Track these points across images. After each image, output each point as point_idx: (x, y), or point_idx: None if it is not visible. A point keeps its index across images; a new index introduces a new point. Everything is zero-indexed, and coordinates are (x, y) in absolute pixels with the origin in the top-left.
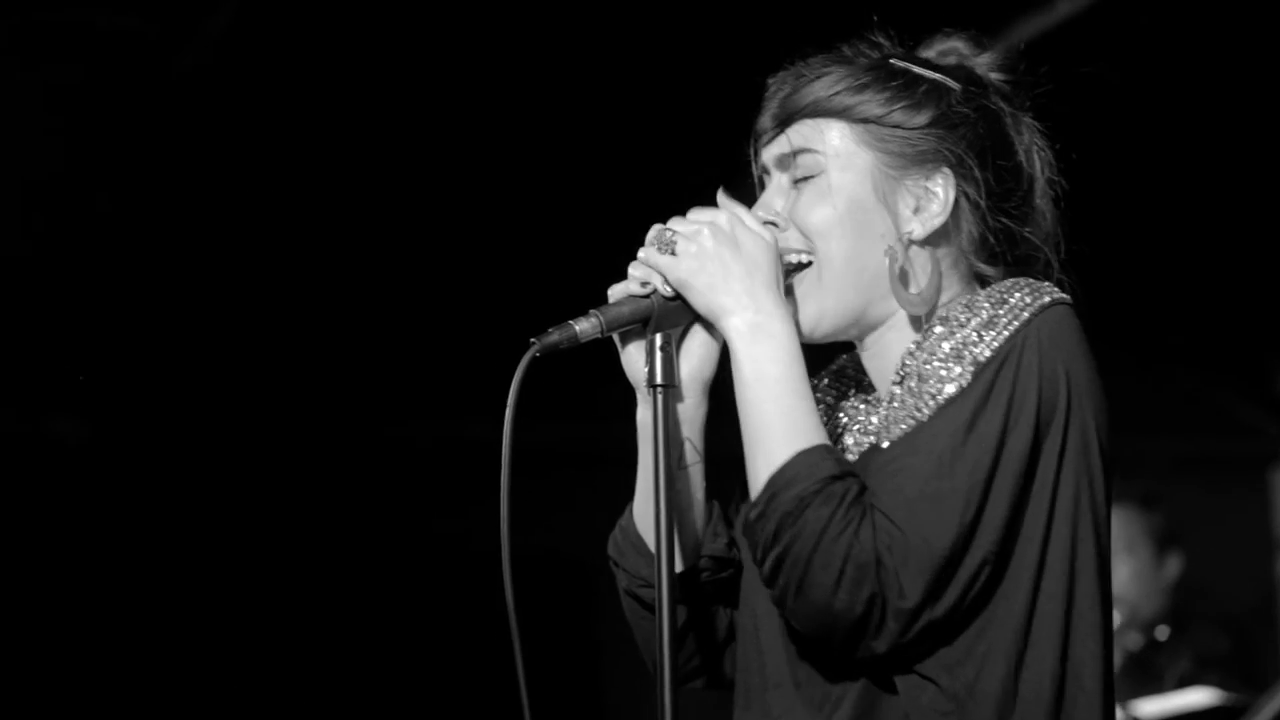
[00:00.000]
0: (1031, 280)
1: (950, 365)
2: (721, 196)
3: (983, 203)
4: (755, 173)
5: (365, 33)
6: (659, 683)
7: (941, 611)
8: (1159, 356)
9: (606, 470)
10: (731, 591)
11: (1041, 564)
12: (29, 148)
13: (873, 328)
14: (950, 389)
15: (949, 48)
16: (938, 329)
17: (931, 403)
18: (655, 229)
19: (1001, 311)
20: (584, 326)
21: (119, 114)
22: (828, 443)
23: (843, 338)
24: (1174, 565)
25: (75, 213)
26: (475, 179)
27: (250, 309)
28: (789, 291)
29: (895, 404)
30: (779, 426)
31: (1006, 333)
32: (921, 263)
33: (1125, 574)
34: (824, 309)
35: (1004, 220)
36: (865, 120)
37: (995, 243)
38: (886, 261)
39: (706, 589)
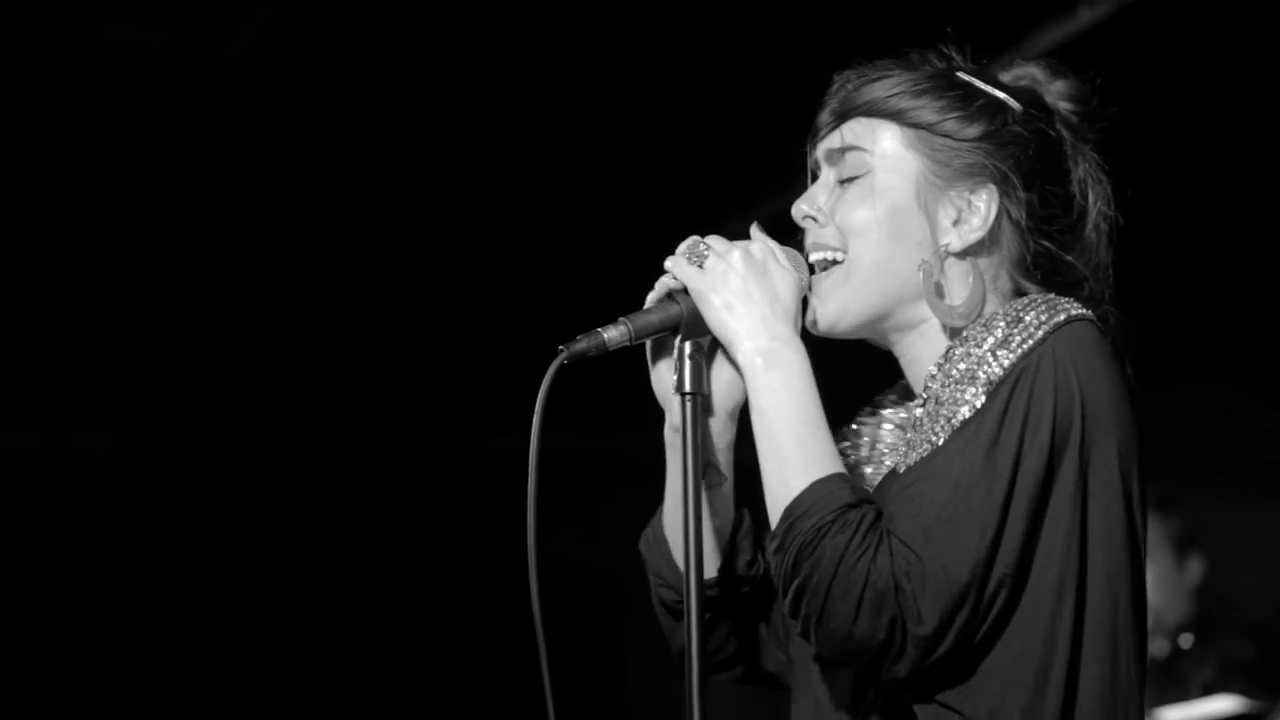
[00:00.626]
0: (1051, 296)
1: (965, 387)
2: (755, 229)
3: (1024, 223)
4: (809, 166)
5: (391, 47)
6: (687, 688)
7: (961, 637)
8: (1182, 364)
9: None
10: (758, 598)
11: (1061, 586)
12: (52, 161)
13: (900, 332)
14: (965, 411)
15: (1024, 72)
16: (957, 350)
17: (947, 426)
18: (690, 240)
19: (1016, 330)
20: (612, 334)
21: (143, 128)
22: (843, 470)
23: (863, 336)
24: (1195, 568)
25: (100, 226)
26: (503, 190)
27: (278, 321)
28: (813, 286)
29: (916, 428)
30: (794, 456)
31: (1020, 351)
32: (960, 274)
33: (1148, 581)
34: (845, 307)
35: (1046, 244)
36: (917, 126)
37: (1035, 265)
38: (920, 275)
39: (729, 599)
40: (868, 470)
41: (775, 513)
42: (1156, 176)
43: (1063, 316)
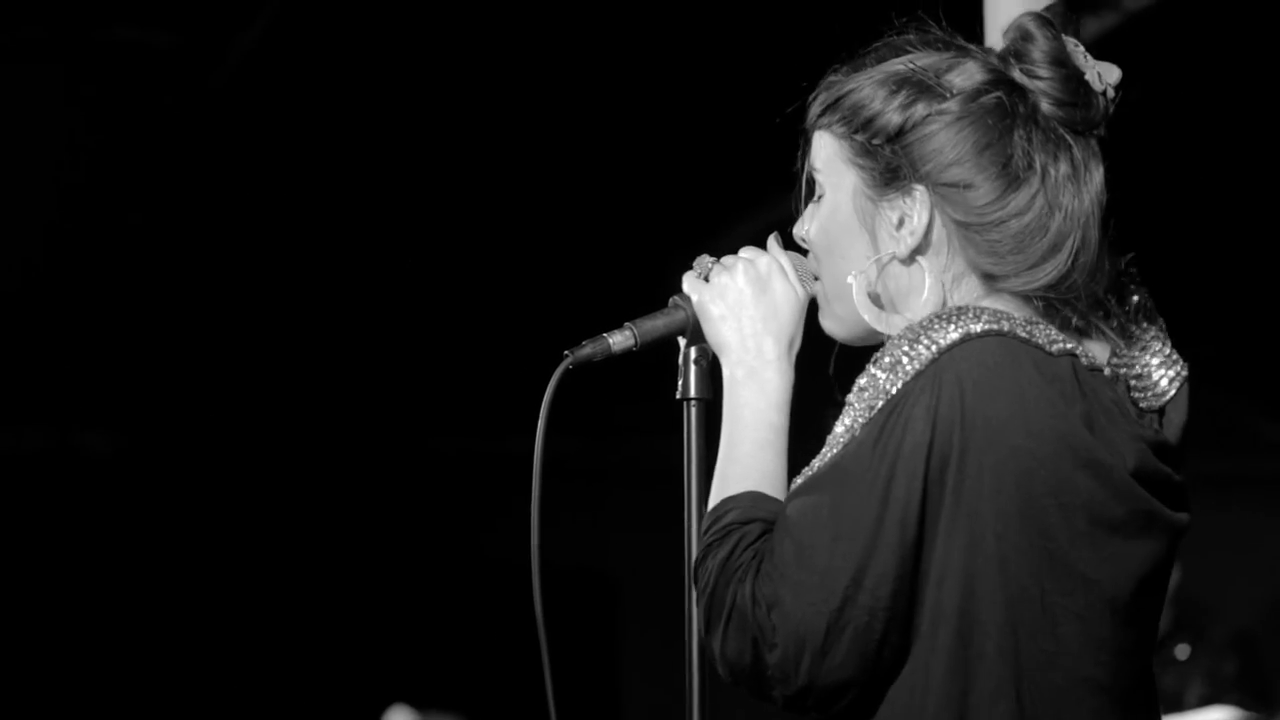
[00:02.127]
0: (957, 312)
1: (850, 409)
2: (772, 240)
3: (968, 217)
4: (803, 175)
5: (397, 49)
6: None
7: (836, 673)
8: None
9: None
10: None
11: (934, 621)
12: (60, 162)
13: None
14: (841, 434)
15: (1015, 25)
16: (870, 365)
17: (827, 452)
18: (703, 258)
19: (907, 352)
20: (617, 339)
21: (150, 129)
22: (768, 491)
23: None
24: (1173, 576)
25: (106, 226)
26: (510, 192)
27: (282, 322)
28: (813, 302)
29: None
30: (732, 469)
31: (905, 378)
32: (916, 280)
33: None
34: (833, 329)
35: (991, 230)
36: (850, 137)
37: (997, 251)
38: (871, 282)
39: None
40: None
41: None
42: (1163, 182)
43: (958, 334)
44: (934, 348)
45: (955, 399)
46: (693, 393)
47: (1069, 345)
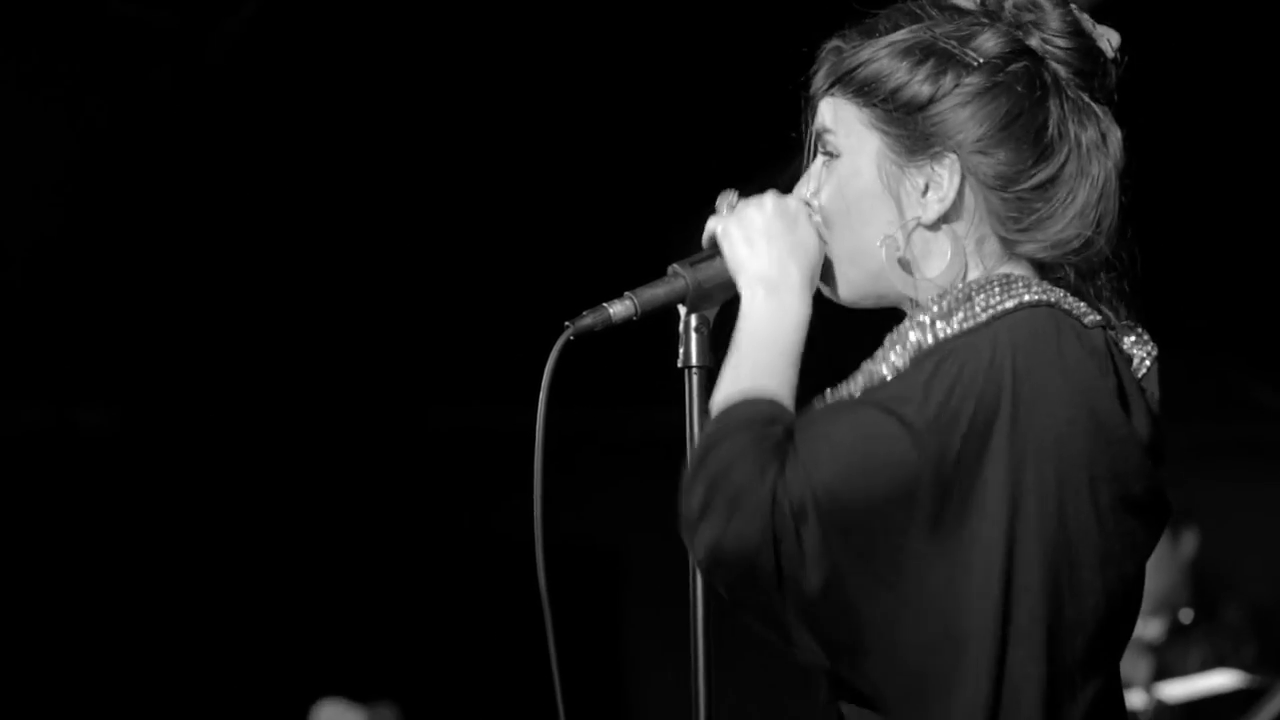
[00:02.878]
0: (1009, 277)
1: (891, 349)
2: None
3: (994, 183)
4: (807, 140)
5: (394, 20)
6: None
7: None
8: (1181, 342)
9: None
10: None
11: (1003, 574)
12: (54, 139)
13: (901, 304)
14: (884, 370)
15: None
16: (905, 321)
17: (866, 383)
18: (729, 193)
19: (961, 309)
20: (617, 309)
21: (145, 104)
22: (788, 400)
23: (879, 306)
24: (1190, 542)
25: (102, 203)
26: (515, 162)
27: (281, 296)
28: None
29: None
30: (747, 370)
31: (958, 329)
32: (938, 246)
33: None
34: (839, 294)
35: (1023, 201)
36: (872, 102)
37: (1019, 220)
38: (895, 246)
39: None
40: None
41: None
42: (1155, 150)
43: (1012, 303)
44: (989, 312)
45: (1007, 361)
46: (694, 360)
47: (1098, 317)
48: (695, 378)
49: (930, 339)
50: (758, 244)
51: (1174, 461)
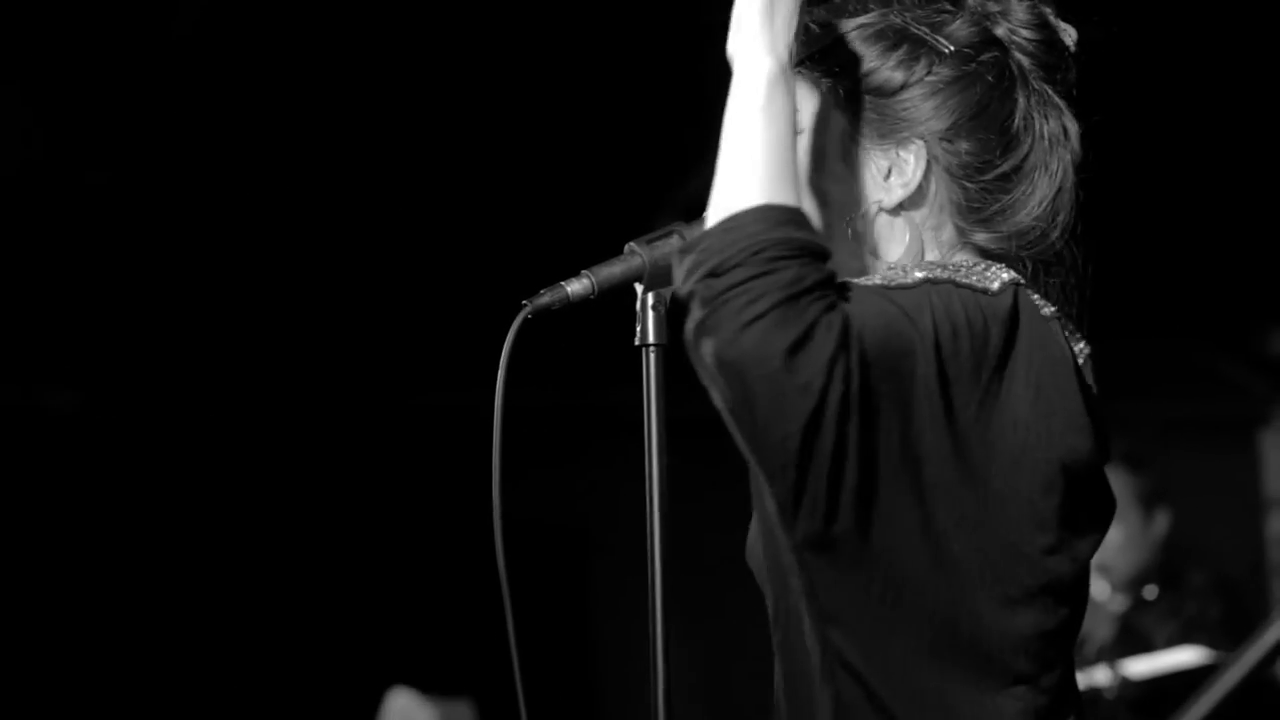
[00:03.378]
0: (983, 262)
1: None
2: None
3: (958, 171)
4: None
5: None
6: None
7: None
8: (1145, 319)
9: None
10: None
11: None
12: (18, 117)
13: None
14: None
15: None
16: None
17: None
18: None
19: (940, 270)
20: (575, 287)
21: (110, 81)
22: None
23: None
24: (1163, 521)
25: (67, 183)
26: (485, 144)
27: (247, 276)
28: None
29: None
30: (764, 168)
31: (936, 275)
32: (898, 230)
33: (1117, 539)
34: None
35: (985, 190)
36: (841, 82)
37: (979, 210)
38: (859, 229)
39: None
40: None
41: (729, 209)
42: (1117, 131)
43: (995, 285)
44: (972, 276)
45: (1002, 308)
46: (651, 338)
47: (1054, 309)
48: (653, 355)
49: (916, 275)
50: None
51: (1143, 440)
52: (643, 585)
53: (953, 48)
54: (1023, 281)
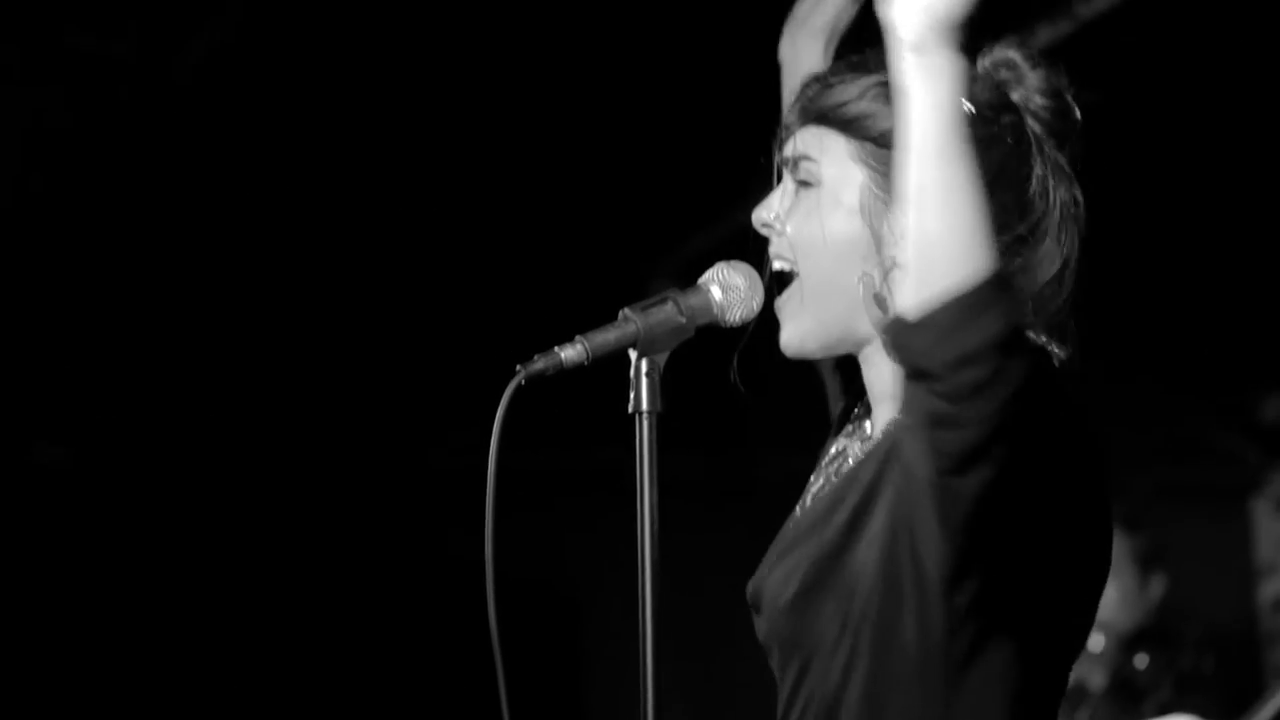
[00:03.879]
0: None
1: None
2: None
3: None
4: (775, 166)
5: (356, 51)
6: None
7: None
8: (1139, 385)
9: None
10: None
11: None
12: (9, 171)
13: (860, 348)
14: None
15: (1003, 58)
16: None
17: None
18: None
19: None
20: (568, 353)
21: (101, 138)
22: None
23: (835, 354)
24: (1158, 585)
25: (60, 238)
26: (475, 196)
27: (237, 332)
28: (778, 308)
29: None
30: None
31: None
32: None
33: (1112, 597)
34: (805, 331)
35: (1006, 253)
36: (865, 138)
37: None
38: (871, 285)
39: None
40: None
41: (948, 268)
42: (1116, 195)
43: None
44: None
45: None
46: (644, 406)
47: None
48: (646, 423)
49: None
50: None
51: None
52: (633, 648)
53: (973, 109)
54: (1044, 347)
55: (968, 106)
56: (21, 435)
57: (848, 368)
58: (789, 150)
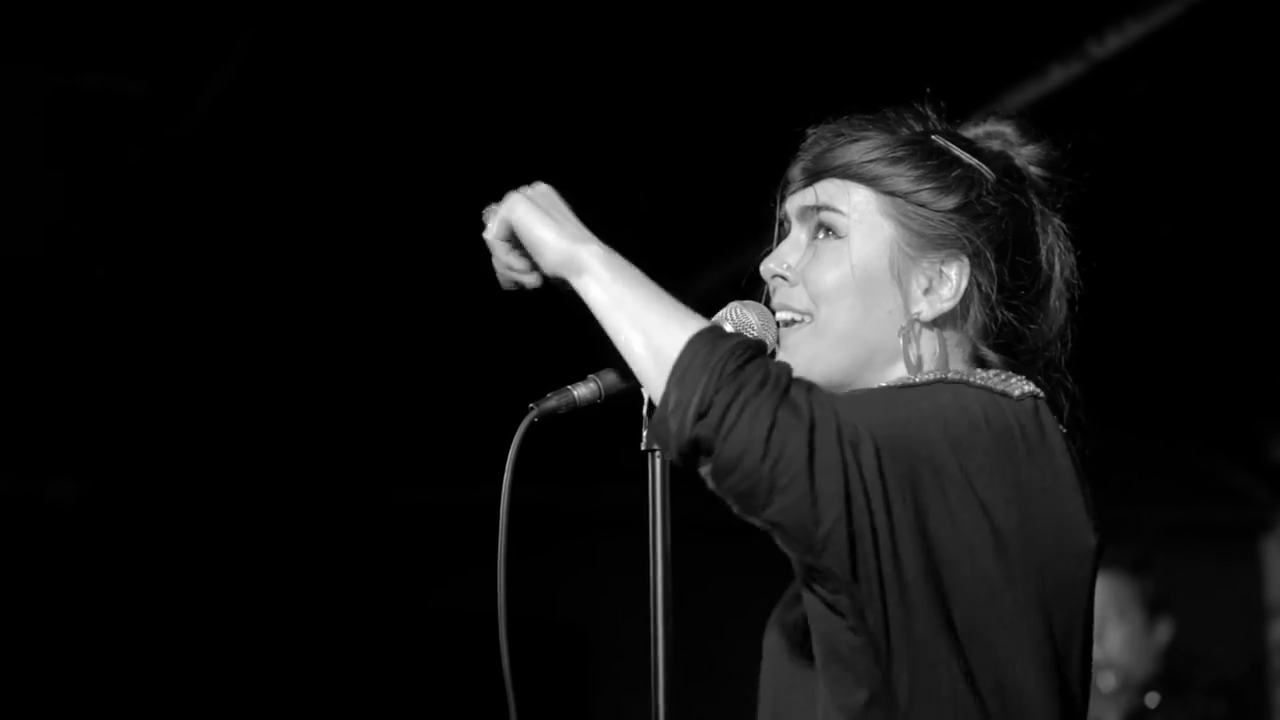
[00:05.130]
0: (1007, 374)
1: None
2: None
3: (993, 296)
4: (777, 217)
5: (365, 98)
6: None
7: (832, 486)
8: (1149, 425)
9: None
10: None
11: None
12: (25, 210)
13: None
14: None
15: (996, 131)
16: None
17: None
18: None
19: (971, 377)
20: (581, 392)
21: (116, 178)
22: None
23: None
24: (1165, 631)
25: (72, 273)
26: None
27: (248, 372)
28: (781, 337)
29: None
30: (657, 316)
31: (949, 377)
32: (928, 342)
33: (1118, 640)
34: (813, 365)
35: (1011, 315)
36: (893, 193)
37: (999, 334)
38: (900, 341)
39: None
40: None
41: (660, 369)
42: (1126, 238)
43: (1016, 393)
44: (992, 384)
45: (1022, 416)
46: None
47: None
48: (658, 460)
49: (930, 378)
50: (555, 220)
51: (1145, 545)
52: (645, 684)
53: (994, 176)
54: (1041, 395)
55: (990, 174)
56: (32, 471)
57: None
58: (807, 200)
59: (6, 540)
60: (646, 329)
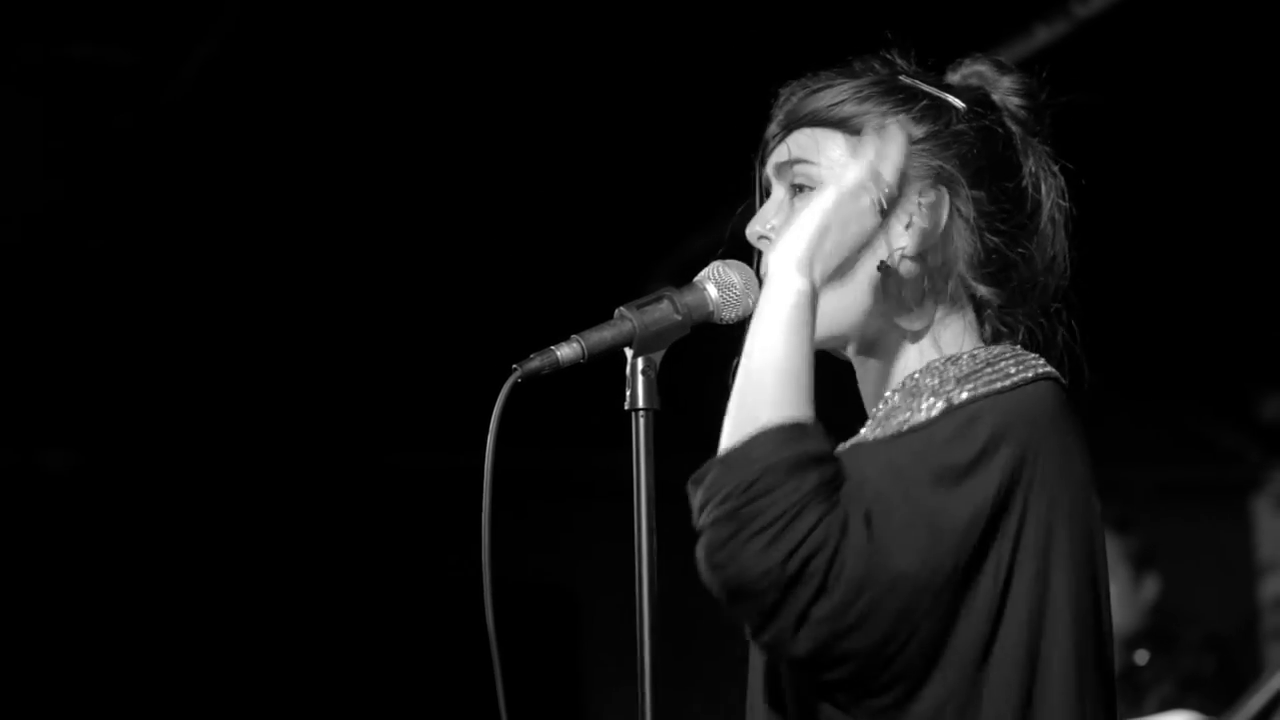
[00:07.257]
0: (1020, 352)
1: (921, 400)
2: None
3: (975, 221)
4: (759, 183)
5: (355, 62)
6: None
7: (874, 635)
8: (1140, 384)
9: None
10: None
11: (992, 639)
12: (16, 181)
13: (865, 346)
14: (918, 418)
15: (971, 70)
16: (921, 378)
17: (895, 430)
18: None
19: (985, 370)
20: (565, 352)
21: (107, 147)
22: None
23: (833, 349)
24: (1151, 586)
25: (64, 244)
26: (468, 201)
27: (240, 339)
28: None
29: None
30: (772, 389)
31: (987, 390)
32: (914, 280)
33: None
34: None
35: (999, 240)
36: (861, 132)
37: (988, 263)
38: (879, 276)
39: None
40: None
41: (736, 435)
42: (1115, 196)
43: (1031, 374)
44: (1011, 379)
45: (1020, 440)
46: (641, 403)
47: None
48: (642, 420)
49: (961, 396)
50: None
51: (1136, 504)
52: (631, 649)
53: (964, 105)
54: (1056, 375)
55: (958, 103)
56: (27, 441)
57: None
58: (780, 156)
59: (1, 510)
60: (756, 385)
